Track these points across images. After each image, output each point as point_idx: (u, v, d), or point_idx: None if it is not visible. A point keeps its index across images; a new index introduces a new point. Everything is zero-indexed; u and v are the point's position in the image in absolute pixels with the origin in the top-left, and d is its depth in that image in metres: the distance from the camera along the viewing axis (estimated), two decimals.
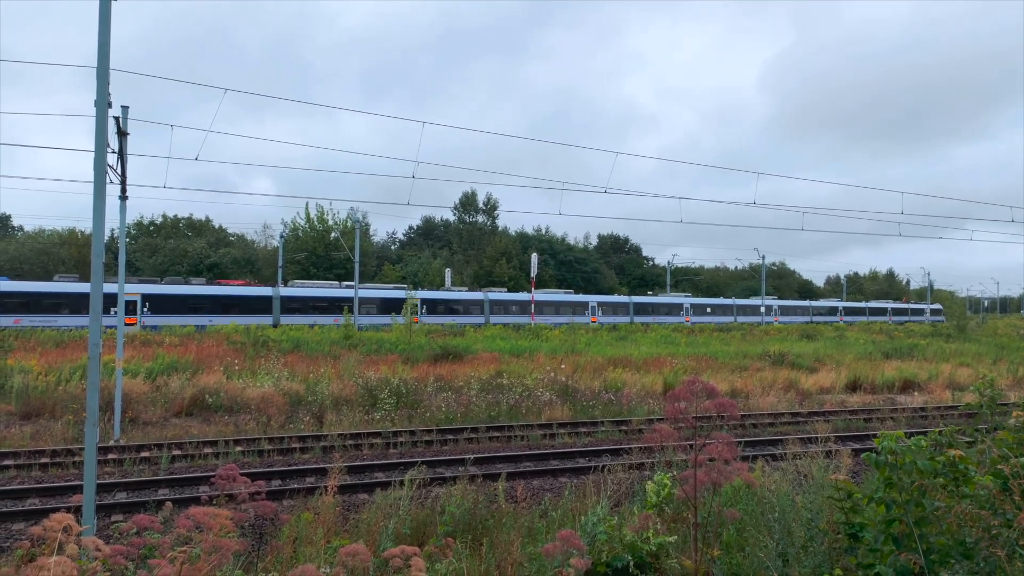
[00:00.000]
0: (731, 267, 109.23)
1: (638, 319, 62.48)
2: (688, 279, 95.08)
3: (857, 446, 14.58)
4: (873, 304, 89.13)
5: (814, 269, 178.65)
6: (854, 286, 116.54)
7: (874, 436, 16.03)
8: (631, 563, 5.11)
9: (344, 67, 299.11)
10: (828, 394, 23.10)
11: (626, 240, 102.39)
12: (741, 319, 69.73)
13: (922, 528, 4.00)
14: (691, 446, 4.25)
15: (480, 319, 54.16)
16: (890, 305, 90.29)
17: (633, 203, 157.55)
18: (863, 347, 38.22)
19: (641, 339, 42.33)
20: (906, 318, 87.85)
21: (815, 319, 76.72)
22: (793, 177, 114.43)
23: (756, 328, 59.35)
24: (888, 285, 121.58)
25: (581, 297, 62.57)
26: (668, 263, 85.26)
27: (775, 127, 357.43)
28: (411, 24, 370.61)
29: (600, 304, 62.01)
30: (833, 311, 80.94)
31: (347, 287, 49.32)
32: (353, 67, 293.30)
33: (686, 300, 68.11)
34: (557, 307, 58.87)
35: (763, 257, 71.62)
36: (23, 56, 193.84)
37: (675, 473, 7.07)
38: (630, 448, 13.34)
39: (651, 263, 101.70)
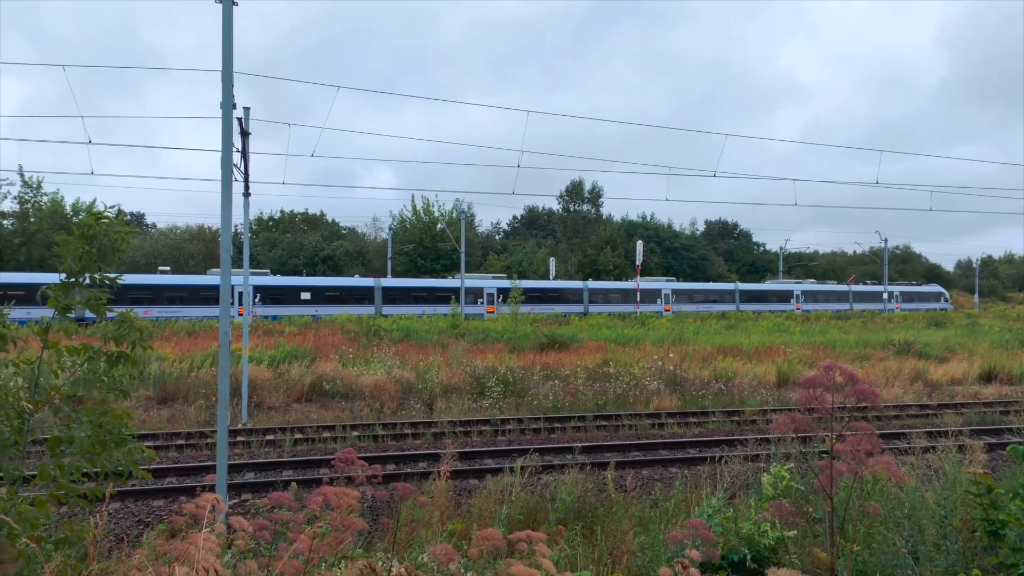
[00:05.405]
0: (849, 251, 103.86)
1: (744, 307, 60.22)
2: (802, 264, 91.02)
3: (993, 440, 13.64)
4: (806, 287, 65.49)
5: (943, 252, 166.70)
6: (988, 270, 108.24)
7: (1012, 430, 14.88)
8: (748, 556, 4.98)
9: (473, 50, 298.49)
10: (960, 385, 21.68)
11: (735, 225, 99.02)
12: (858, 306, 65.62)
13: None
14: (827, 436, 4.07)
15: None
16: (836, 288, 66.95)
17: (754, 187, 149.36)
18: (998, 335, 35.56)
19: (752, 327, 40.98)
20: (843, 305, 65.41)
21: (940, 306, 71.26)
22: (923, 155, 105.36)
23: (878, 316, 56.07)
24: None
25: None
26: (780, 248, 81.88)
27: (946, 92, 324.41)
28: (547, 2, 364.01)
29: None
30: None
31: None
32: (483, 50, 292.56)
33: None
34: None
35: (885, 240, 67.60)
36: (173, 52, 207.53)
37: (793, 465, 6.82)
38: (744, 439, 13.00)
39: (761, 248, 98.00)
